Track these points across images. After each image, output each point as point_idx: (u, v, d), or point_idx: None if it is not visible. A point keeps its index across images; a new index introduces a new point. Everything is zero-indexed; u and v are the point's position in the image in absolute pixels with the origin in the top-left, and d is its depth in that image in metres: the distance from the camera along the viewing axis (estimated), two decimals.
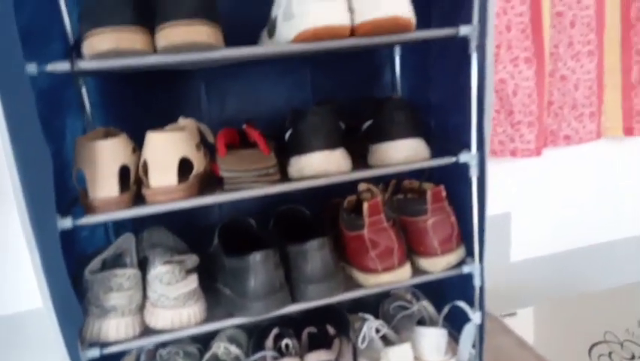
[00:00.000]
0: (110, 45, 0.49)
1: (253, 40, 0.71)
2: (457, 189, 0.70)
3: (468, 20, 0.61)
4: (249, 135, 0.69)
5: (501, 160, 1.00)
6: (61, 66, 0.50)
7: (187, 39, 0.50)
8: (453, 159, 0.66)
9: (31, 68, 0.49)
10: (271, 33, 0.64)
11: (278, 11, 0.61)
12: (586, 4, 0.93)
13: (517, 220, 1.09)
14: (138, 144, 0.61)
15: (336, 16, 0.55)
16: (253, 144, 0.67)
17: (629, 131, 1.02)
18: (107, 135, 0.63)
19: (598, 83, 0.98)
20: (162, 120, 0.65)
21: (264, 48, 0.59)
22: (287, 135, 0.67)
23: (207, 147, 0.68)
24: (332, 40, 0.57)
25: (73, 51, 0.51)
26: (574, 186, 1.11)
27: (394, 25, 0.57)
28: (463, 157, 0.66)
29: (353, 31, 0.58)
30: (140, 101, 0.76)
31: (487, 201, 0.66)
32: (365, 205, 0.65)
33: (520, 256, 1.10)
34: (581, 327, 0.97)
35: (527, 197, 1.09)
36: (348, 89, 0.84)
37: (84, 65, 0.50)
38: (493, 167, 0.99)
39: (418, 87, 0.82)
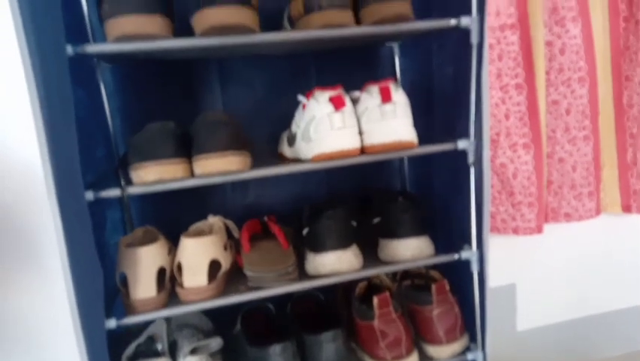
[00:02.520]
0: (155, 176, 0.58)
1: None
2: (460, 279, 0.76)
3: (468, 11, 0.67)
4: (270, 227, 0.77)
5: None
6: (113, 192, 0.58)
7: (220, 168, 0.59)
8: (455, 256, 0.73)
9: (89, 195, 0.57)
10: (291, 143, 0.73)
11: (297, 130, 0.69)
12: (580, 94, 1.00)
13: (523, 291, 1.13)
14: (173, 237, 0.69)
15: (348, 142, 0.63)
16: (273, 235, 0.75)
17: (627, 208, 1.08)
18: (145, 235, 0.71)
19: (595, 164, 1.04)
20: (194, 217, 0.74)
21: (287, 168, 0.66)
22: (304, 231, 0.74)
23: (232, 239, 0.76)
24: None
25: (121, 178, 0.60)
26: (577, 257, 1.16)
27: (399, 147, 0.65)
28: (465, 254, 0.73)
29: (363, 150, 0.66)
30: (175, 199, 0.84)
31: (487, 294, 0.72)
32: (375, 300, 0.72)
33: (526, 325, 1.14)
34: None
35: (531, 268, 1.14)
36: None
37: (133, 190, 0.59)
38: (497, 240, 1.06)
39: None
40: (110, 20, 0.54)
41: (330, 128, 0.63)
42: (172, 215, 0.80)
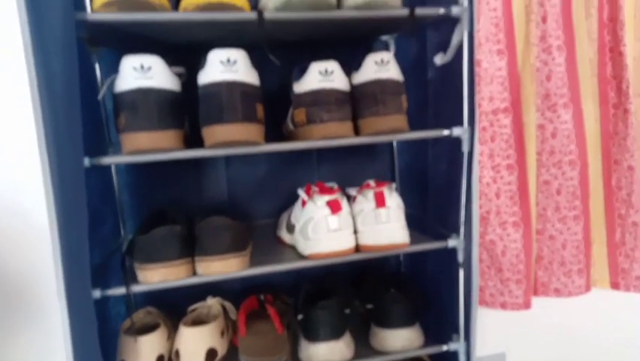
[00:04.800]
0: (160, 278, 0.61)
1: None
2: None
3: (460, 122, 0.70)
4: (266, 308, 0.80)
5: None
6: (119, 291, 0.62)
7: (220, 270, 0.62)
8: (444, 348, 0.76)
9: (96, 293, 0.61)
10: (290, 231, 0.77)
11: (296, 223, 0.73)
12: (570, 176, 1.04)
13: (512, 360, 1.15)
14: (173, 309, 0.71)
15: (343, 244, 0.67)
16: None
17: (615, 285, 1.10)
18: (146, 317, 0.74)
19: (585, 243, 1.07)
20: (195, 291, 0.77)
21: (283, 266, 0.69)
22: (299, 317, 0.77)
23: (230, 319, 0.79)
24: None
25: (127, 276, 0.63)
26: (567, 328, 1.18)
27: (392, 248, 0.68)
28: (453, 345, 0.75)
29: (357, 249, 0.69)
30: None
31: None
32: None
33: None
34: None
35: (521, 337, 1.16)
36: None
37: (138, 288, 0.62)
38: (487, 310, 1.08)
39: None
40: (125, 134, 0.59)
41: (326, 231, 0.66)
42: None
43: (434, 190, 0.84)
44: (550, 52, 1.01)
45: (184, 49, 0.79)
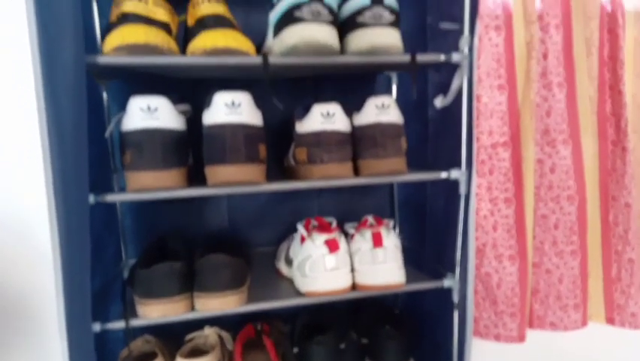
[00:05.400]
0: (159, 314, 0.62)
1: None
2: None
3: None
4: (263, 339, 0.81)
5: None
6: (119, 325, 0.63)
7: (217, 307, 0.64)
8: None
9: (96, 327, 0.62)
10: (288, 264, 0.78)
11: (294, 259, 0.74)
12: (568, 211, 1.05)
13: None
14: (170, 333, 0.72)
15: (340, 283, 0.68)
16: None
17: (610, 320, 1.11)
18: (144, 346, 0.75)
19: (582, 278, 1.08)
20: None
21: (280, 303, 0.70)
22: (295, 350, 0.78)
23: (226, 349, 0.80)
24: None
25: (127, 311, 0.64)
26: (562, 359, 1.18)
27: (388, 288, 0.69)
28: None
29: (354, 287, 0.70)
30: None
31: None
32: None
33: None
34: None
35: None
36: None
37: (136, 323, 0.63)
38: (481, 341, 1.09)
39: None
40: (130, 172, 0.60)
41: (324, 270, 0.67)
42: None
43: (432, 226, 0.85)
44: (550, 88, 1.03)
45: (190, 84, 0.81)
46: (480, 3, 0.85)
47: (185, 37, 0.63)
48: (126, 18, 0.56)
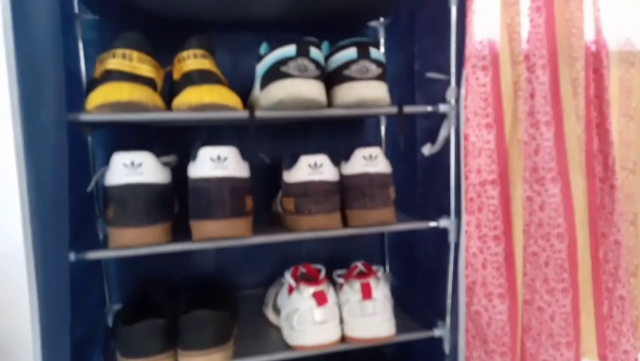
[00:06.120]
0: None
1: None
2: None
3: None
4: None
5: None
6: None
7: None
8: None
9: None
10: (276, 312, 0.76)
11: (282, 308, 0.72)
12: (558, 248, 1.05)
13: None
14: None
15: (328, 337, 0.67)
16: None
17: (603, 358, 1.10)
18: None
19: (574, 316, 1.07)
20: None
21: (268, 358, 0.69)
22: None
23: None
24: None
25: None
26: None
27: (377, 341, 0.68)
28: None
29: (343, 340, 0.69)
30: None
31: None
32: None
33: None
34: None
35: None
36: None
37: None
38: None
39: None
40: (113, 228, 0.59)
41: (312, 323, 0.66)
42: None
43: (421, 271, 0.84)
44: (538, 127, 1.03)
45: (178, 130, 0.80)
46: (467, 44, 0.85)
47: (170, 90, 0.63)
48: (110, 75, 0.55)
